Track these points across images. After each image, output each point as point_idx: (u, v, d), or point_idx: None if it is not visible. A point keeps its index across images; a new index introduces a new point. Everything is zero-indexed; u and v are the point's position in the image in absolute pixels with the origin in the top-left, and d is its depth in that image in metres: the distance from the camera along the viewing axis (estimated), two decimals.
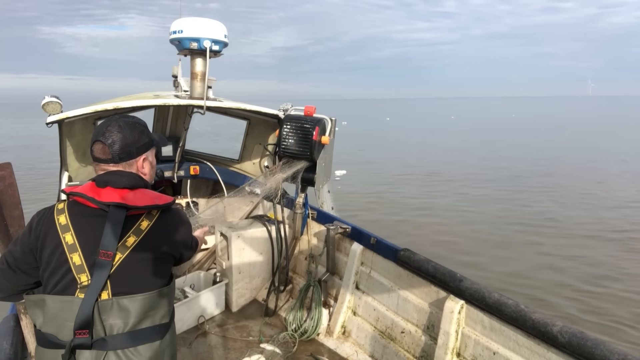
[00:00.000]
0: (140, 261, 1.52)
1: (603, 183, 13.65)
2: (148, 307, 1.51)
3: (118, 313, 1.46)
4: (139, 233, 1.52)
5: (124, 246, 1.49)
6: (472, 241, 8.40)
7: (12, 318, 2.20)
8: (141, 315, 1.50)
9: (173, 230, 1.63)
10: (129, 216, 1.53)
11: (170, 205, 1.62)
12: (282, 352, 3.39)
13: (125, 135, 1.60)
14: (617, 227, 9.14)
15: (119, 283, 1.47)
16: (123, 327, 1.47)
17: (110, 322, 1.46)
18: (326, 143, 3.55)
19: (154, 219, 1.57)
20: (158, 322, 1.55)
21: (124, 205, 1.51)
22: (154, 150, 1.74)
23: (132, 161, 1.62)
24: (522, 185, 13.54)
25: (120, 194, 1.52)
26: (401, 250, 3.14)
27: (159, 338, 1.54)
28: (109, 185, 1.54)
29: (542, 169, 16.44)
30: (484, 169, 16.52)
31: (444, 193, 12.59)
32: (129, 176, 1.59)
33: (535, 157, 19.43)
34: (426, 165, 17.39)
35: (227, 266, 4.02)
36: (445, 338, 2.68)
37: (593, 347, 1.93)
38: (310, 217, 4.08)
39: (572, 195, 12.15)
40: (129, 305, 1.48)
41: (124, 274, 1.48)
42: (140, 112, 4.35)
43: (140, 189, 1.59)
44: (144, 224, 1.54)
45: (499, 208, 10.79)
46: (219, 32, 3.59)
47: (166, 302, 1.59)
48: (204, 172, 4.73)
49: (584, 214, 10.20)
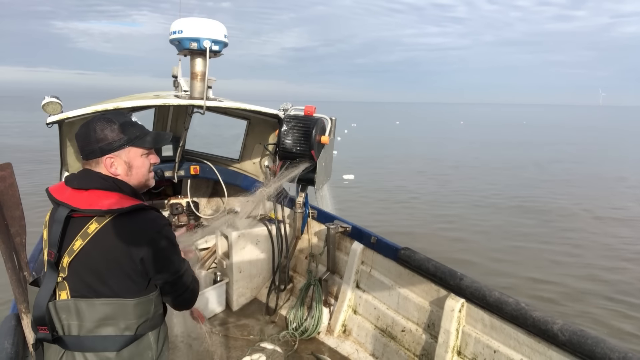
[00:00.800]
0: (90, 266, 1.46)
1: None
2: (106, 315, 1.47)
3: (75, 315, 1.47)
4: (85, 236, 1.45)
5: (71, 249, 1.46)
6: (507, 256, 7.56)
7: (14, 317, 2.21)
8: (98, 322, 1.47)
9: (127, 238, 1.46)
10: (77, 218, 1.48)
11: (121, 211, 1.46)
12: (283, 350, 3.39)
13: (89, 131, 1.52)
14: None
15: (76, 285, 1.47)
16: (78, 329, 1.48)
17: (69, 322, 1.48)
18: (326, 143, 3.55)
19: (104, 222, 1.45)
20: (119, 333, 1.49)
21: (67, 205, 1.47)
22: (138, 150, 1.58)
23: (98, 159, 1.53)
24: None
25: (71, 194, 1.49)
26: (401, 249, 3.14)
27: (114, 349, 1.48)
28: (69, 184, 1.53)
29: (565, 177, 15.67)
30: (505, 178, 15.42)
31: (458, 201, 11.83)
32: (86, 176, 1.53)
33: (560, 166, 18.48)
34: (439, 172, 16.56)
35: (228, 265, 4.03)
36: (445, 336, 2.68)
37: (593, 345, 1.93)
38: (311, 216, 4.08)
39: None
40: (86, 309, 1.46)
41: (79, 276, 1.47)
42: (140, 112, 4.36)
43: (97, 191, 1.49)
44: (91, 227, 1.45)
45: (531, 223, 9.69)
46: (219, 32, 3.59)
47: (132, 315, 1.50)
48: (204, 171, 4.74)
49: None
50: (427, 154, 21.74)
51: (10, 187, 2.21)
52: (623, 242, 8.51)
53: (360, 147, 23.99)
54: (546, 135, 35.91)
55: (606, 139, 34.84)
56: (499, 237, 8.74)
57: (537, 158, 20.62)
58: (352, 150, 21.45)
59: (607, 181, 15.03)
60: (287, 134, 3.59)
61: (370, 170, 16.46)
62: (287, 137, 3.60)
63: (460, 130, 42.65)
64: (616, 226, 9.63)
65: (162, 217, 1.57)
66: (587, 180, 15.27)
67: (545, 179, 15.12)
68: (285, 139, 3.60)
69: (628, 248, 8.21)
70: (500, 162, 19.19)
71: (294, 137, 3.57)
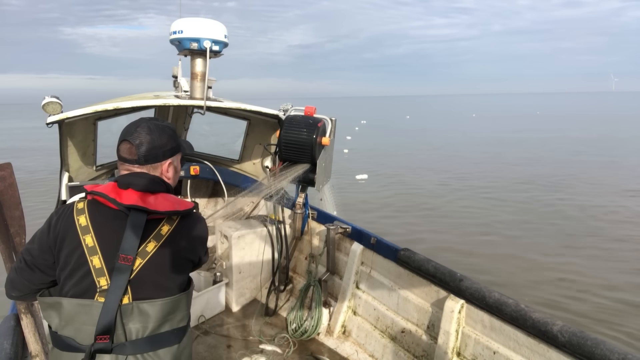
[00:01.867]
0: (160, 266, 1.50)
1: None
2: (167, 312, 1.50)
3: (138, 317, 1.45)
4: (159, 238, 1.51)
5: (144, 251, 1.48)
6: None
7: (13, 318, 2.21)
8: (161, 320, 1.49)
9: (193, 235, 1.61)
10: (150, 220, 1.50)
11: (191, 211, 1.59)
12: (282, 351, 3.39)
13: (153, 137, 1.58)
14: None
15: (139, 288, 1.46)
16: (143, 331, 1.46)
17: (130, 326, 1.44)
18: (327, 144, 3.55)
19: (174, 224, 1.55)
20: (176, 326, 1.54)
21: (145, 209, 1.48)
22: (180, 155, 1.72)
23: (158, 164, 1.61)
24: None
25: (142, 197, 1.50)
26: (401, 250, 3.14)
27: (177, 342, 1.53)
28: (131, 187, 1.51)
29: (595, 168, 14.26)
30: (527, 174, 14.05)
31: (489, 204, 10.65)
32: (152, 179, 1.56)
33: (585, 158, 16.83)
34: (457, 168, 15.48)
35: (228, 266, 4.03)
36: (445, 337, 2.68)
37: (593, 347, 1.93)
38: (311, 217, 4.08)
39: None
40: (149, 310, 1.46)
41: (144, 278, 1.47)
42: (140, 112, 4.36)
43: (162, 194, 1.57)
44: (164, 229, 1.52)
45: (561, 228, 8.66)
46: (219, 32, 3.59)
47: (184, 306, 1.58)
48: (204, 172, 4.74)
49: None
50: (441, 150, 20.62)
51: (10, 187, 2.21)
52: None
53: (372, 144, 23.01)
54: (563, 126, 33.60)
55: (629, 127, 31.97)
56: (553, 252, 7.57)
57: (560, 153, 18.75)
58: (363, 149, 20.78)
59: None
60: (288, 136, 3.59)
61: (384, 169, 15.65)
62: (287, 140, 3.60)
63: (473, 122, 40.72)
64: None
65: (200, 215, 1.73)
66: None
67: (573, 176, 13.66)
68: (285, 141, 3.60)
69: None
70: (522, 159, 17.40)
71: (294, 140, 3.56)
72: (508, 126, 34.51)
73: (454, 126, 35.96)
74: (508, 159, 17.62)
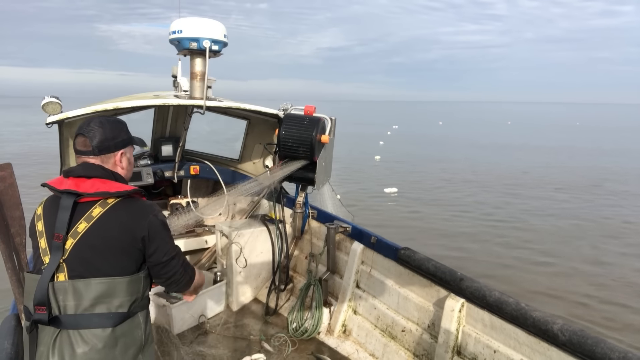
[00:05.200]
0: (92, 247, 1.58)
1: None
2: (101, 294, 1.58)
3: (72, 295, 1.56)
4: (89, 219, 1.59)
5: (75, 232, 1.58)
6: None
7: (13, 317, 2.21)
8: (93, 300, 1.57)
9: (129, 218, 1.63)
10: (81, 203, 1.61)
11: (125, 194, 1.63)
12: (282, 351, 3.39)
13: (105, 130, 1.71)
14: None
15: (74, 266, 1.57)
16: (75, 308, 1.56)
17: (66, 303, 1.56)
18: (326, 142, 3.55)
19: (108, 206, 1.61)
20: (113, 310, 1.60)
21: (74, 191, 1.60)
22: (132, 148, 1.85)
23: (111, 155, 1.73)
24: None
25: (76, 182, 1.62)
26: (401, 249, 3.14)
27: (109, 325, 1.58)
28: (71, 174, 1.65)
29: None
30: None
31: (542, 226, 9.22)
32: (90, 166, 1.68)
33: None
34: (501, 183, 13.62)
35: (228, 265, 4.03)
36: (445, 336, 2.68)
37: (593, 345, 1.93)
38: (311, 216, 4.08)
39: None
40: (82, 288, 1.56)
41: (77, 257, 1.57)
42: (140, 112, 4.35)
43: (99, 179, 1.65)
44: (95, 211, 1.60)
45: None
46: (219, 32, 3.59)
47: (124, 292, 1.61)
48: (204, 172, 4.74)
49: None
50: (480, 161, 18.62)
51: (10, 187, 2.21)
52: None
53: (405, 152, 21.47)
54: (609, 138, 30.78)
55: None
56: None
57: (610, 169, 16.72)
58: (395, 157, 19.37)
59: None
60: (287, 134, 3.59)
61: (417, 180, 13.93)
62: (287, 137, 3.60)
63: (509, 131, 38.02)
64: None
65: (155, 204, 1.76)
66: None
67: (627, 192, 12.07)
68: (285, 138, 3.60)
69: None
70: (575, 174, 15.26)
71: (294, 137, 3.56)
72: (547, 136, 32.39)
73: (490, 135, 33.27)
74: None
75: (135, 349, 1.67)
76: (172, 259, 1.74)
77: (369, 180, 13.47)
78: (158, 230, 1.68)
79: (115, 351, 1.60)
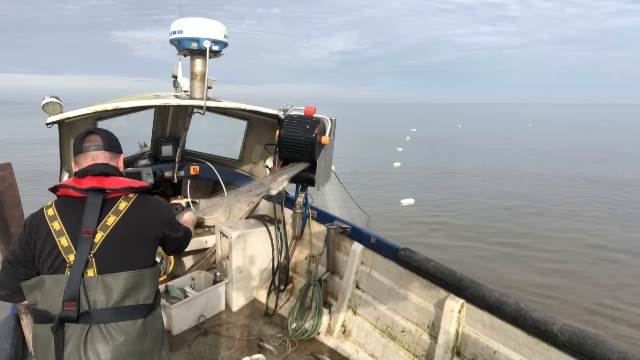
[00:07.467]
0: (122, 239, 1.63)
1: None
2: (131, 286, 1.61)
3: (102, 289, 1.57)
4: (117, 213, 1.65)
5: (105, 225, 1.62)
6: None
7: (13, 318, 2.21)
8: (123, 293, 1.60)
9: (151, 210, 1.75)
10: (108, 199, 1.66)
11: (145, 189, 1.76)
12: (282, 351, 3.39)
13: (109, 134, 1.85)
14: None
15: (103, 261, 1.59)
16: (106, 302, 1.57)
17: (95, 297, 1.57)
18: (326, 143, 3.55)
19: (131, 200, 1.70)
20: (141, 302, 1.64)
21: (101, 188, 1.65)
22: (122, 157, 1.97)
23: (117, 155, 1.84)
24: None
25: (98, 180, 1.68)
26: (401, 250, 3.14)
27: (141, 316, 1.63)
28: (89, 174, 1.69)
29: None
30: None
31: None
32: (106, 165, 1.75)
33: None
34: (534, 194, 11.70)
35: (228, 266, 4.02)
36: (445, 337, 2.68)
37: (593, 346, 1.93)
38: (311, 217, 4.08)
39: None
40: (112, 282, 1.58)
41: (108, 252, 1.60)
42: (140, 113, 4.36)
43: (116, 177, 1.73)
44: (122, 205, 1.67)
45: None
46: (219, 33, 3.59)
47: (149, 284, 1.68)
48: (204, 172, 4.74)
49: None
50: (509, 167, 16.52)
51: (10, 187, 2.21)
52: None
53: (426, 158, 19.32)
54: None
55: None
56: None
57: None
58: (416, 163, 17.40)
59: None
60: (287, 133, 3.58)
61: (439, 189, 12.23)
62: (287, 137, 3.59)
63: (532, 134, 34.92)
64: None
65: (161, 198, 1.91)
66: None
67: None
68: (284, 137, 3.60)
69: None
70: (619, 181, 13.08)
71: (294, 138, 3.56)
72: (574, 139, 29.71)
73: (513, 138, 30.22)
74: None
75: (160, 339, 1.73)
76: (179, 237, 1.92)
77: (386, 188, 12.26)
78: (171, 218, 1.87)
79: (147, 342, 1.64)
